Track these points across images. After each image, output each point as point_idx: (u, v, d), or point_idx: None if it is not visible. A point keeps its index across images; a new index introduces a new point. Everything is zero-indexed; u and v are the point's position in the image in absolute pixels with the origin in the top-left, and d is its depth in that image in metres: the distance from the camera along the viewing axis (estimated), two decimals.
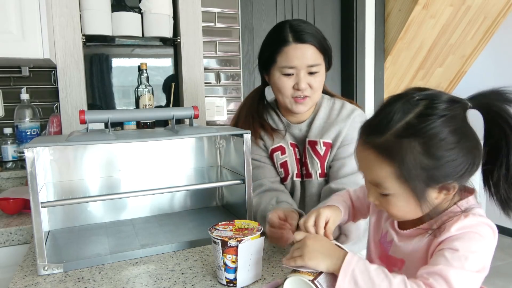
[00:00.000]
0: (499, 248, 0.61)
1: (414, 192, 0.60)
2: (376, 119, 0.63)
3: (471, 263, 0.57)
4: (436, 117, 0.58)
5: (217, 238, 0.73)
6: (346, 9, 2.50)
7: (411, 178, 0.59)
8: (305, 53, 1.04)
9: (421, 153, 0.58)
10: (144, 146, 1.15)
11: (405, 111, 0.59)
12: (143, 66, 1.75)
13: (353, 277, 0.59)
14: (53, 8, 1.58)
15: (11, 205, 1.28)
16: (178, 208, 1.20)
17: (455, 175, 0.60)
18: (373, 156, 0.62)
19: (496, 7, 2.61)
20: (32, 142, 0.81)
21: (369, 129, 0.64)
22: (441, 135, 0.57)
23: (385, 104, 0.63)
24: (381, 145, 0.60)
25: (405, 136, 0.58)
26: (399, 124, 0.59)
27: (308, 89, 1.06)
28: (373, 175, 0.63)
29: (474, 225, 0.60)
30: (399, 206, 0.64)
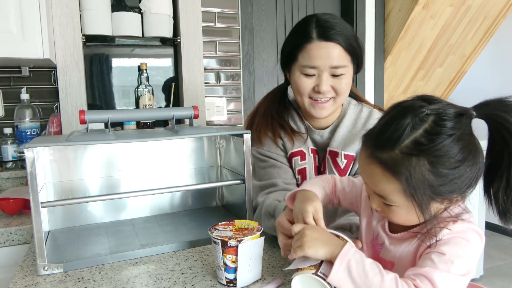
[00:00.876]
0: (499, 248, 0.61)
1: (419, 205, 0.60)
2: (384, 133, 0.62)
3: (457, 267, 0.59)
4: (445, 136, 0.57)
5: (217, 238, 0.73)
6: (346, 9, 2.50)
7: (417, 194, 0.59)
8: (330, 52, 0.93)
9: (429, 170, 0.58)
10: (144, 146, 1.15)
11: (414, 127, 0.59)
12: (143, 66, 1.75)
13: (348, 267, 0.60)
14: (53, 8, 1.58)
15: (11, 205, 1.28)
16: (178, 208, 1.20)
17: (459, 190, 0.60)
18: (379, 170, 0.61)
19: (496, 7, 2.61)
20: (32, 142, 0.81)
21: (376, 142, 0.62)
22: (449, 154, 0.58)
23: (392, 116, 0.62)
24: (388, 161, 0.60)
25: (414, 153, 0.58)
26: (407, 141, 0.58)
27: (330, 92, 0.97)
28: (378, 188, 0.63)
29: (462, 231, 0.61)
30: (402, 215, 0.64)
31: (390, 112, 0.63)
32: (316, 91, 0.97)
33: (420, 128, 0.58)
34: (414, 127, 0.58)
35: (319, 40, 0.94)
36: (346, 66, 0.96)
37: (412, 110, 0.60)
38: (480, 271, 2.52)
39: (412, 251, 0.66)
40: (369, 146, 0.63)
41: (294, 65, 0.99)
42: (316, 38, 0.94)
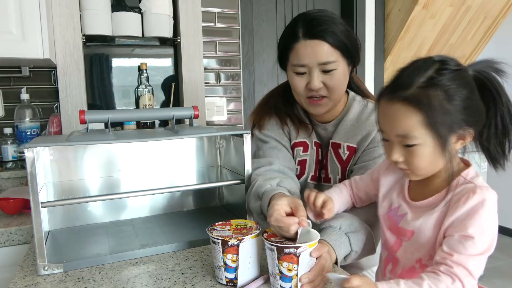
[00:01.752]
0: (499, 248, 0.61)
1: (439, 137, 0.67)
2: (400, 77, 0.70)
3: (484, 243, 0.65)
4: (450, 72, 0.67)
5: (217, 238, 0.72)
6: (346, 9, 2.50)
7: (437, 123, 0.66)
8: (316, 50, 0.94)
9: (444, 99, 0.66)
10: (144, 146, 1.15)
11: (425, 68, 0.68)
12: (143, 66, 1.75)
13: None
14: (53, 8, 1.58)
15: (11, 205, 1.28)
16: (178, 208, 1.20)
17: (471, 121, 0.68)
18: (401, 107, 0.68)
19: (496, 7, 2.60)
20: (32, 142, 0.81)
21: (394, 87, 0.70)
22: (457, 85, 0.66)
23: (404, 67, 0.71)
24: (409, 97, 0.67)
25: (430, 86, 0.66)
26: (422, 79, 0.67)
27: (323, 89, 0.97)
28: (401, 126, 0.68)
29: (481, 202, 0.66)
30: (424, 156, 0.69)
31: (402, 67, 0.72)
32: (309, 89, 0.98)
33: (431, 68, 0.68)
34: (425, 69, 0.68)
35: (305, 39, 0.95)
36: (335, 61, 0.95)
37: (421, 59, 0.70)
38: None
39: (434, 223, 0.70)
40: (388, 92, 0.71)
41: (288, 65, 1.01)
42: (302, 37, 0.95)
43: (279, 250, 0.68)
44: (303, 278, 0.68)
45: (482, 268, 0.67)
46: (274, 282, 0.71)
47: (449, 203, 0.69)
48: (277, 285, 0.70)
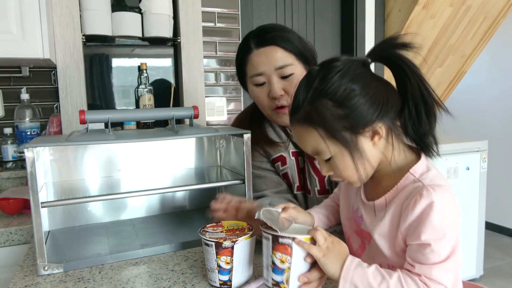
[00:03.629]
0: (499, 248, 0.61)
1: (346, 144, 0.65)
2: (293, 99, 0.70)
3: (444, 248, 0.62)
4: (333, 74, 0.65)
5: (210, 240, 0.71)
6: (346, 9, 2.50)
7: (335, 132, 0.64)
8: (270, 56, 0.94)
9: (334, 106, 0.64)
10: (144, 146, 1.15)
11: (309, 82, 0.67)
12: (143, 66, 1.75)
13: (353, 283, 0.63)
14: (53, 8, 1.58)
15: (11, 205, 1.28)
16: (178, 208, 1.20)
17: (373, 116, 0.64)
18: (300, 129, 0.68)
19: (496, 7, 2.61)
20: (32, 142, 0.81)
21: (290, 110, 0.70)
22: (342, 86, 0.64)
23: (296, 87, 0.70)
24: (301, 116, 0.67)
25: (315, 99, 0.65)
26: (308, 94, 0.66)
27: (285, 96, 0.95)
28: (308, 146, 0.69)
29: (429, 205, 0.62)
30: (344, 165, 0.67)
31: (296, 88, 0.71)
32: (271, 98, 0.97)
33: (315, 81, 0.66)
34: (310, 82, 0.67)
35: (258, 48, 0.96)
36: (292, 64, 0.95)
37: (307, 74, 0.70)
38: (480, 271, 2.51)
39: (388, 227, 0.68)
40: (289, 115, 0.71)
41: (247, 80, 1.00)
42: (255, 47, 0.96)
43: (274, 239, 0.66)
44: (301, 278, 0.67)
45: (455, 276, 0.64)
46: (267, 275, 0.69)
47: (401, 207, 0.66)
48: (268, 277, 0.68)
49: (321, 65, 0.68)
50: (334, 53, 2.54)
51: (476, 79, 3.43)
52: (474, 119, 3.47)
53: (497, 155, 3.19)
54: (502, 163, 3.27)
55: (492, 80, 3.38)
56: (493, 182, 3.04)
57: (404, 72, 0.66)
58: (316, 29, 2.46)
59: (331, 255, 0.65)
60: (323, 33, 2.49)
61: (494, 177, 3.09)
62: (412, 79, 0.65)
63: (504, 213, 3.33)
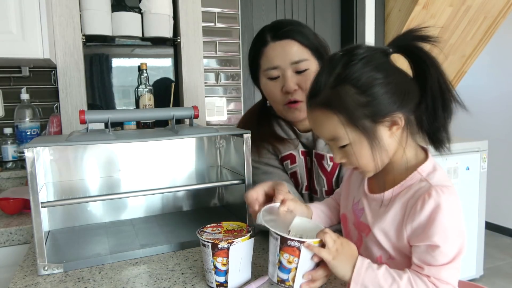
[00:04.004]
0: (499, 248, 0.61)
1: (365, 132, 0.64)
2: (313, 84, 0.69)
3: (452, 249, 0.63)
4: (356, 61, 0.64)
5: (207, 241, 0.71)
6: (346, 9, 2.50)
7: (356, 119, 0.64)
8: (286, 49, 0.93)
9: (356, 93, 0.63)
10: (144, 146, 1.15)
11: (332, 67, 0.66)
12: (143, 66, 1.75)
13: (364, 285, 0.64)
14: (53, 8, 1.58)
15: (11, 205, 1.28)
16: (178, 208, 1.20)
17: (393, 106, 0.64)
18: (319, 113, 0.67)
19: (496, 7, 2.61)
20: (32, 142, 0.81)
21: (309, 94, 0.69)
22: (366, 74, 0.63)
23: (317, 71, 0.69)
24: (321, 101, 0.66)
25: (338, 84, 0.65)
26: (331, 79, 0.65)
27: (299, 92, 0.95)
28: (325, 131, 0.68)
29: (437, 206, 0.62)
30: (360, 154, 0.67)
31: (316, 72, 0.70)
32: (284, 92, 0.96)
33: (338, 66, 0.65)
34: (333, 67, 0.66)
35: (274, 41, 0.95)
36: (307, 60, 0.94)
37: (329, 58, 0.69)
38: (480, 271, 2.51)
39: (391, 222, 0.68)
40: (307, 100, 0.70)
41: (260, 74, 0.99)
42: (271, 40, 0.95)
43: (282, 240, 0.66)
44: (306, 275, 0.67)
45: (458, 273, 0.65)
46: (272, 270, 0.69)
47: (406, 205, 0.66)
48: (274, 273, 0.68)
49: (344, 51, 0.67)
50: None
51: (476, 79, 3.43)
52: (474, 119, 3.47)
53: (497, 155, 3.19)
54: (502, 163, 3.27)
55: (492, 80, 3.38)
56: (493, 182, 3.04)
57: (424, 64, 0.65)
58: (316, 29, 2.46)
59: (341, 257, 0.65)
60: (323, 33, 2.49)
61: (494, 177, 3.08)
62: (432, 72, 0.65)
63: (504, 213, 3.33)
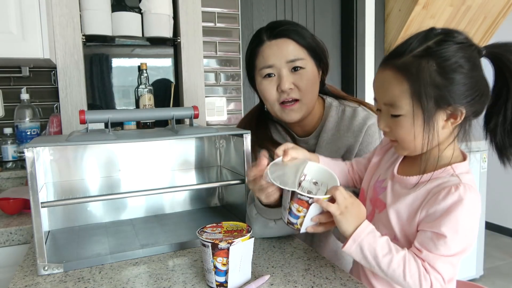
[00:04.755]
0: (499, 248, 0.61)
1: (425, 111, 0.64)
2: (400, 46, 0.68)
3: (456, 245, 0.64)
4: (453, 43, 0.63)
5: (207, 241, 0.71)
6: (346, 9, 2.50)
7: (423, 95, 0.63)
8: (282, 48, 0.93)
9: (436, 72, 0.63)
10: (144, 146, 1.15)
11: (426, 39, 0.65)
12: (143, 66, 1.75)
13: (360, 246, 0.67)
14: (53, 8, 1.58)
15: (11, 205, 1.28)
16: (178, 208, 1.20)
17: (463, 100, 0.64)
18: (391, 73, 0.66)
19: (496, 7, 2.61)
20: (32, 142, 0.81)
21: (390, 54, 0.68)
22: (454, 58, 0.63)
23: (409, 37, 0.68)
24: (400, 64, 0.65)
25: (423, 56, 0.64)
26: (419, 48, 0.64)
27: (294, 91, 0.94)
28: (388, 93, 0.67)
29: (460, 200, 0.63)
30: (407, 128, 0.67)
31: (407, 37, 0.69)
32: (280, 92, 0.95)
33: (432, 40, 0.64)
34: (426, 39, 0.65)
35: (270, 40, 0.95)
36: (303, 59, 0.93)
37: (428, 30, 0.67)
38: (480, 271, 2.51)
39: (408, 204, 0.69)
40: (385, 59, 0.69)
41: (256, 74, 0.99)
42: (267, 39, 0.95)
43: (293, 193, 0.70)
44: (314, 218, 0.70)
45: (454, 272, 0.66)
46: (283, 213, 0.74)
47: (429, 192, 0.67)
48: (285, 216, 0.74)
49: (443, 30, 0.66)
50: (334, 53, 2.54)
51: None
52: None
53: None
54: None
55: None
56: (493, 182, 3.04)
57: (511, 78, 0.65)
58: (316, 29, 2.46)
59: (349, 215, 0.68)
60: (323, 33, 2.49)
61: (494, 177, 3.08)
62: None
63: (504, 213, 3.33)
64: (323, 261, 0.84)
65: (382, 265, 0.66)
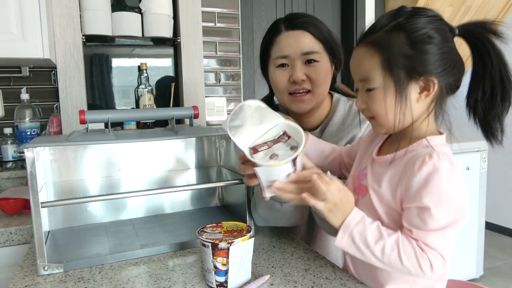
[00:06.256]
0: (499, 248, 0.62)
1: (397, 82, 0.65)
2: (371, 25, 0.70)
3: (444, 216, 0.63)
4: (423, 17, 0.65)
5: (207, 241, 0.71)
6: (346, 9, 2.50)
7: (395, 65, 0.64)
8: (299, 39, 0.93)
9: (406, 43, 0.64)
10: (144, 146, 1.15)
11: (396, 16, 0.67)
12: (143, 66, 1.75)
13: (351, 236, 0.67)
14: (53, 8, 1.58)
15: (11, 205, 1.28)
16: (178, 208, 1.20)
17: (434, 70, 0.65)
18: (364, 49, 0.68)
19: (496, 7, 2.61)
20: (32, 142, 0.81)
21: (364, 34, 0.70)
22: (425, 29, 0.64)
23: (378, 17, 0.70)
24: (372, 40, 0.67)
25: (394, 30, 0.66)
26: (390, 24, 0.67)
27: (306, 82, 0.95)
28: (362, 69, 0.69)
29: (436, 169, 0.63)
30: (381, 101, 0.67)
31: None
32: (291, 82, 0.95)
33: (402, 16, 0.66)
34: (397, 16, 0.67)
35: (287, 31, 0.95)
36: (318, 53, 0.94)
37: (398, 8, 0.69)
38: (480, 271, 2.51)
39: (387, 180, 0.69)
40: (359, 39, 0.71)
41: (269, 63, 0.99)
42: (285, 30, 0.95)
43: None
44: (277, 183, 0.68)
45: (449, 244, 0.64)
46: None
47: (405, 165, 0.67)
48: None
49: (414, 7, 0.68)
50: None
51: None
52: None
53: (497, 155, 3.19)
54: (502, 163, 3.27)
55: None
56: (493, 182, 3.04)
57: (487, 53, 0.66)
58: None
59: (337, 211, 0.67)
60: None
61: (494, 177, 3.08)
62: (494, 61, 0.66)
63: (504, 213, 3.33)
64: (323, 261, 0.84)
65: (376, 253, 0.65)
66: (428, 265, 0.63)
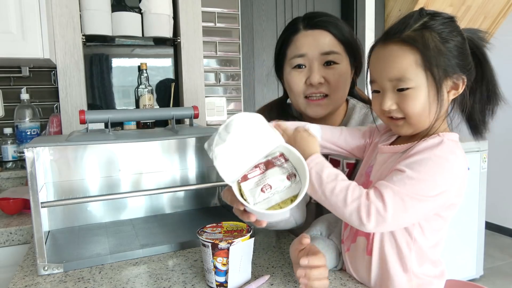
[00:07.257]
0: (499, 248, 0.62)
1: (434, 79, 0.64)
2: (393, 25, 0.69)
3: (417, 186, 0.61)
4: (442, 19, 0.67)
5: (207, 241, 0.71)
6: (346, 9, 2.50)
7: (432, 64, 0.64)
8: (318, 39, 0.87)
9: (440, 41, 0.65)
10: (144, 146, 1.15)
11: (419, 16, 0.67)
12: (143, 66, 1.75)
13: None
14: (53, 8, 1.58)
15: (11, 205, 1.28)
16: (178, 208, 1.20)
17: (465, 67, 0.66)
18: (396, 48, 0.66)
19: (496, 7, 2.61)
20: (32, 142, 0.81)
21: (388, 33, 0.69)
22: (449, 29, 0.66)
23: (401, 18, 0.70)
24: (404, 37, 0.66)
25: (424, 29, 0.66)
26: (417, 24, 0.66)
27: (324, 85, 0.88)
28: (396, 67, 0.66)
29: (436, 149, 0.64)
30: (418, 101, 0.66)
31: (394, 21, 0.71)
32: (308, 85, 0.89)
33: (424, 17, 0.67)
34: (420, 17, 0.67)
35: (306, 30, 0.89)
36: (338, 54, 0.88)
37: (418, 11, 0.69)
38: (480, 271, 2.51)
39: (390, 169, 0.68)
40: (382, 38, 0.70)
41: (285, 63, 0.94)
42: (303, 29, 0.90)
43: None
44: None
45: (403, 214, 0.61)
46: None
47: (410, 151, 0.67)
48: None
49: (429, 11, 0.69)
50: None
51: None
52: None
53: (497, 155, 3.19)
54: (502, 163, 3.27)
55: None
56: (493, 182, 3.04)
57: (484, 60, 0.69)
58: None
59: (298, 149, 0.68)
60: None
61: (494, 177, 3.08)
62: (489, 68, 0.69)
63: (504, 213, 3.33)
64: None
65: (326, 191, 0.64)
66: (365, 212, 0.61)
